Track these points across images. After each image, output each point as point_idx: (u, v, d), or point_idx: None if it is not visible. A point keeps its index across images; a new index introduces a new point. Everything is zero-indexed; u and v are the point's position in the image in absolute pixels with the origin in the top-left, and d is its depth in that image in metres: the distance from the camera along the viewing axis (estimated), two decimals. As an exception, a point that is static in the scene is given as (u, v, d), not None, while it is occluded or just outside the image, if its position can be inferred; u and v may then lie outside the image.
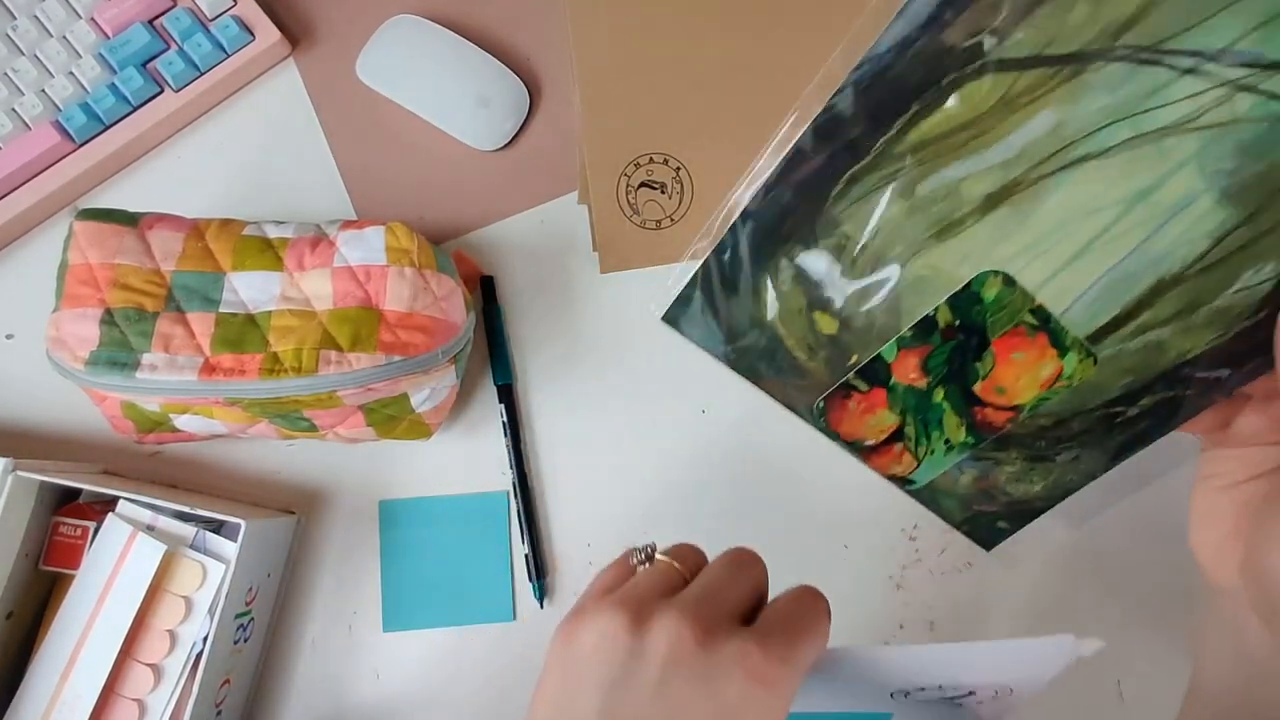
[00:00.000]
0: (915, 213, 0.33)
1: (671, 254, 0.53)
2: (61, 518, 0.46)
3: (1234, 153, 0.29)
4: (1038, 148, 0.30)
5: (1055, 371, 0.34)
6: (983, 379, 0.35)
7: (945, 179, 0.32)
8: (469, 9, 0.55)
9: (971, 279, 0.33)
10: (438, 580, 0.50)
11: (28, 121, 0.51)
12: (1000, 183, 0.31)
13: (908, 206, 0.33)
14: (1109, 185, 0.30)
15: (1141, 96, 0.29)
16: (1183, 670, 0.50)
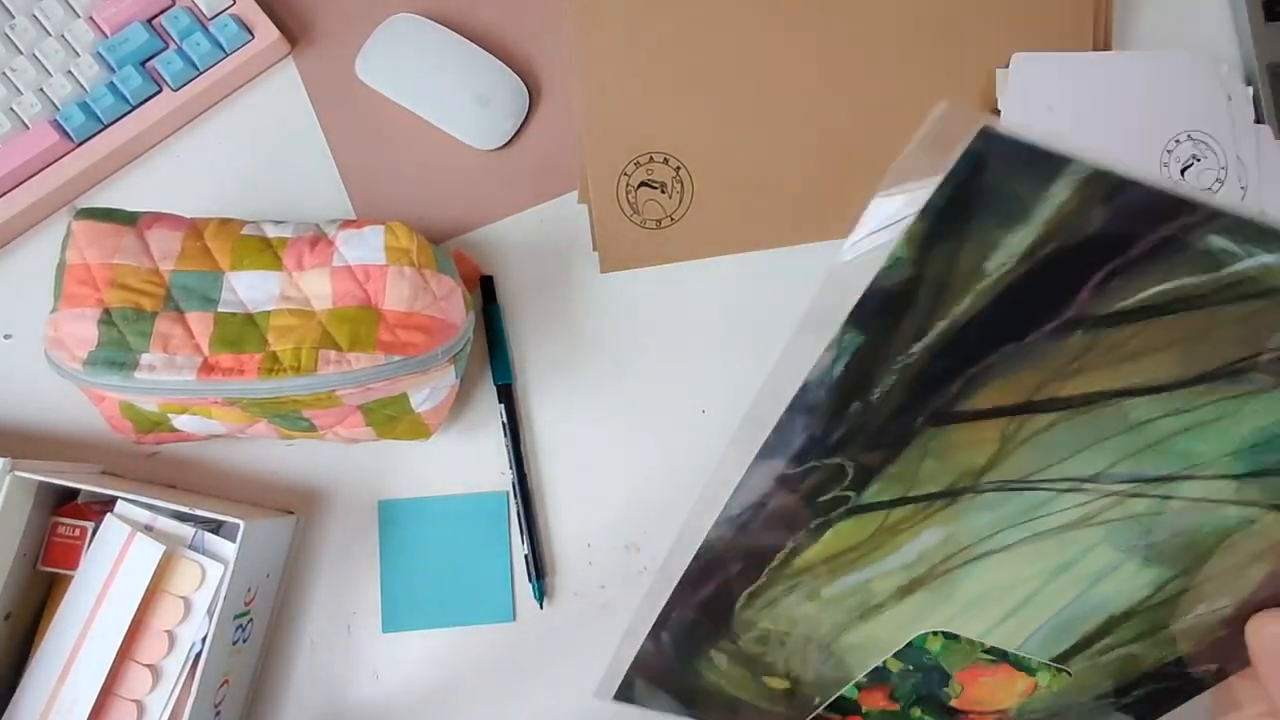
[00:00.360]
0: (830, 607, 0.32)
1: (671, 253, 0.53)
2: (60, 518, 0.45)
3: (1143, 534, 0.28)
4: (935, 553, 0.30)
5: (1030, 686, 0.34)
6: (956, 698, 0.35)
7: (847, 583, 0.32)
8: (469, 8, 0.55)
9: (911, 639, 0.33)
10: (437, 581, 0.50)
11: (26, 121, 0.51)
12: (908, 579, 0.31)
13: (818, 604, 0.32)
14: (1023, 566, 0.30)
15: (1025, 511, 0.28)
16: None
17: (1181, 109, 0.51)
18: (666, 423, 0.52)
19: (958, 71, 0.52)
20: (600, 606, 0.50)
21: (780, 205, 0.53)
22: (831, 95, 0.51)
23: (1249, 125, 0.51)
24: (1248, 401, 0.25)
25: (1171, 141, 0.51)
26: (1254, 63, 0.54)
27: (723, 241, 0.53)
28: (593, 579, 0.50)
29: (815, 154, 0.52)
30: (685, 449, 0.52)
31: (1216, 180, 0.51)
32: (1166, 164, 0.51)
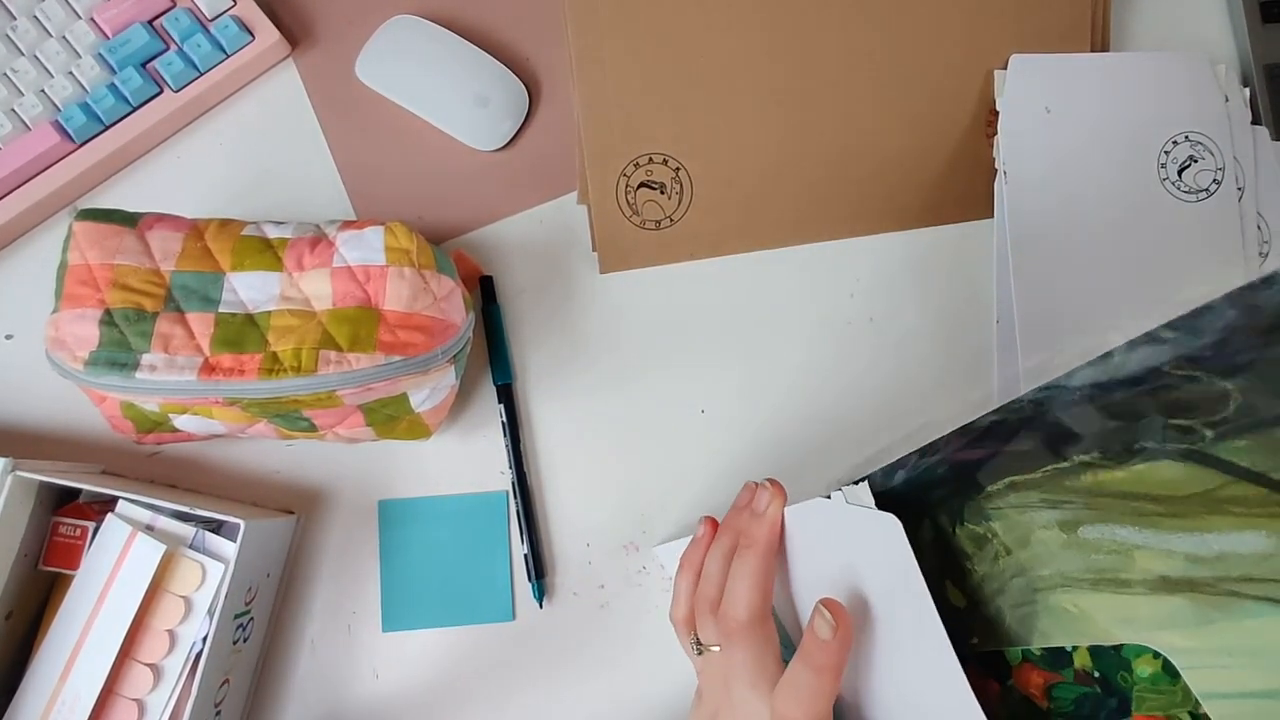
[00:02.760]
0: (1073, 549, 0.28)
1: (671, 254, 0.53)
2: (61, 518, 0.46)
3: None
4: (1242, 564, 0.23)
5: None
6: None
7: (1116, 536, 0.26)
8: (468, 9, 0.55)
9: (1125, 644, 0.27)
10: (437, 580, 0.50)
11: (27, 122, 0.51)
12: (1184, 574, 0.25)
13: (1066, 540, 0.28)
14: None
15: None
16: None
17: (1179, 110, 0.51)
18: (666, 422, 0.52)
19: (957, 73, 0.52)
20: (600, 606, 0.50)
21: (779, 205, 0.53)
22: (830, 96, 0.52)
23: (1246, 126, 0.52)
24: None
25: (1169, 143, 0.51)
26: (1251, 64, 0.54)
27: (722, 242, 0.53)
28: (592, 578, 0.51)
29: (814, 154, 0.52)
30: (684, 449, 0.52)
31: (1214, 181, 0.51)
32: (1164, 165, 0.51)
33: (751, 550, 0.39)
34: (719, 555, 0.41)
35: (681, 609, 0.42)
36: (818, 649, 0.34)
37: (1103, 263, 0.50)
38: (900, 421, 0.52)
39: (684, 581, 0.43)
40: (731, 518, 0.42)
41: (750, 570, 0.38)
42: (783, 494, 0.40)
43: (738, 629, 0.37)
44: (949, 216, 0.54)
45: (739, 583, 0.38)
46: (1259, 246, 0.51)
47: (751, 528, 0.39)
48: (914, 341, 0.53)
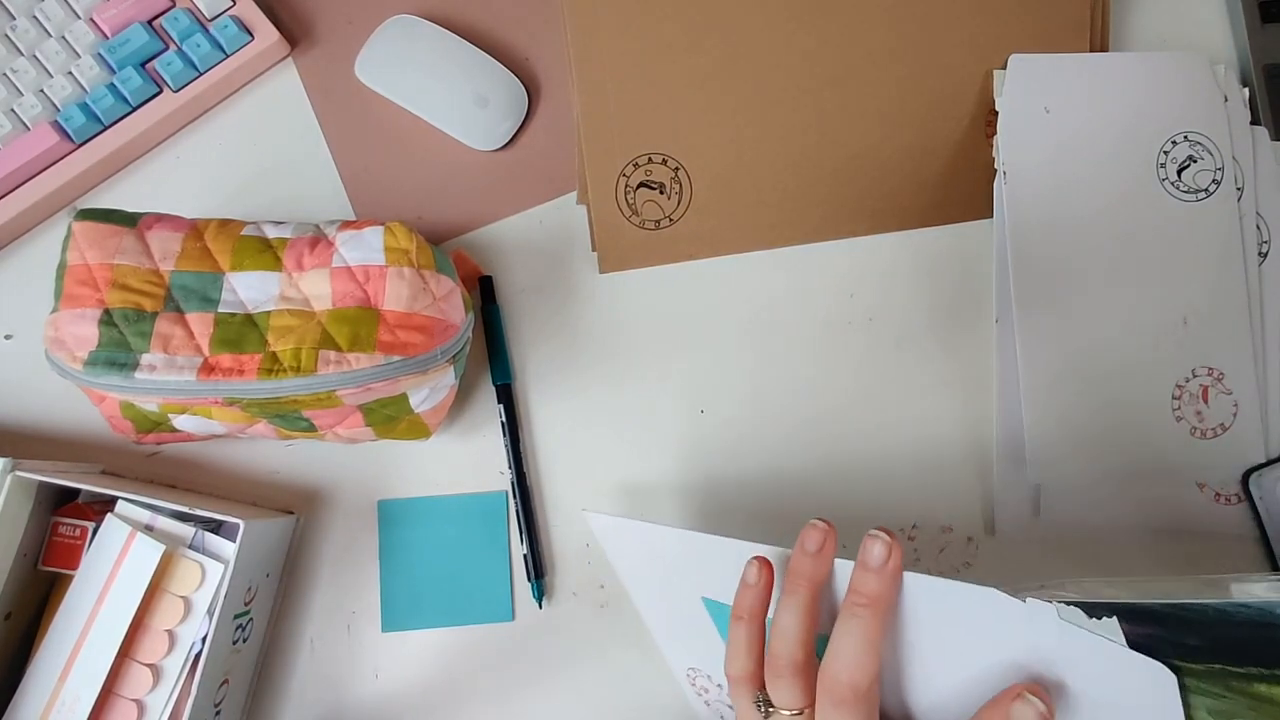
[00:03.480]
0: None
1: (670, 254, 0.53)
2: (60, 518, 0.46)
3: None
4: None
5: None
6: None
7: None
8: (468, 9, 0.55)
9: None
10: (436, 580, 0.50)
11: (27, 122, 0.51)
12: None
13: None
14: None
15: None
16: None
17: (1178, 110, 0.51)
18: (665, 423, 0.52)
19: (956, 73, 0.52)
20: (599, 606, 0.50)
21: (779, 206, 0.53)
22: (830, 96, 0.52)
23: (1246, 126, 0.52)
24: None
25: (1168, 143, 0.51)
26: (1250, 64, 0.54)
27: (721, 242, 0.53)
28: (592, 578, 0.51)
29: (814, 155, 0.52)
30: (684, 449, 0.52)
31: (1213, 181, 0.51)
32: (1163, 165, 0.51)
33: (869, 610, 0.34)
34: (797, 610, 0.36)
35: (744, 664, 0.37)
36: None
37: (1102, 262, 0.50)
38: (901, 421, 0.52)
39: (743, 632, 0.37)
40: (804, 566, 0.37)
41: (869, 630, 0.34)
42: (901, 548, 0.35)
43: (852, 697, 0.33)
44: (949, 216, 0.54)
45: (854, 644, 0.34)
46: (1258, 246, 0.51)
47: (868, 583, 0.34)
48: (914, 341, 0.53)
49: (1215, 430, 0.50)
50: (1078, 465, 0.49)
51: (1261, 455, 0.50)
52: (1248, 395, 0.50)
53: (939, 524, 0.51)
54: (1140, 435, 0.50)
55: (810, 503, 0.51)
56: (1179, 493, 0.50)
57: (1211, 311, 0.50)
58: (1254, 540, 0.50)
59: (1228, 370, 0.50)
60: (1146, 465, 0.50)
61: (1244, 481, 0.50)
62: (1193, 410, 0.50)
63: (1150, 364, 0.50)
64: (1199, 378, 0.50)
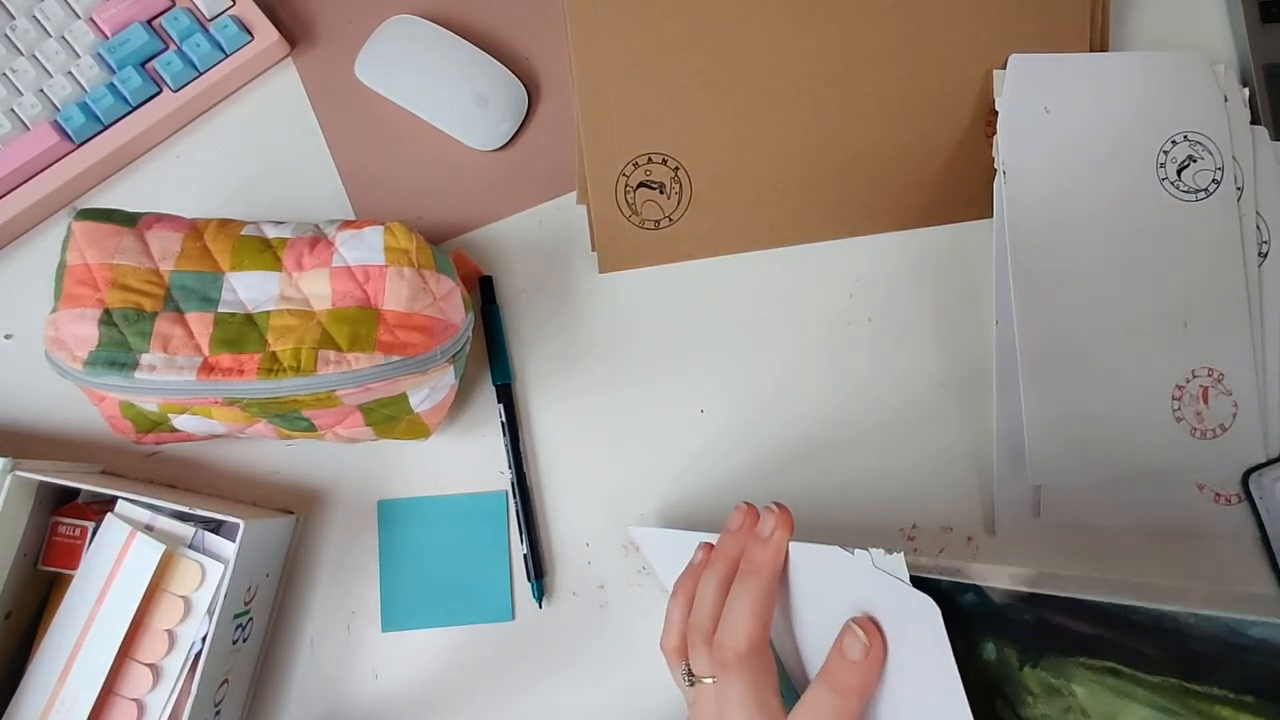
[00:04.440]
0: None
1: (670, 254, 0.53)
2: (60, 517, 0.46)
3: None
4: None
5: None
6: None
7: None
8: (468, 9, 0.55)
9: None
10: (436, 580, 0.50)
11: (26, 122, 0.51)
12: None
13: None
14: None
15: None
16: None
17: (1178, 110, 0.51)
18: (665, 422, 0.52)
19: (956, 72, 0.52)
20: (599, 606, 0.50)
21: (778, 205, 0.53)
22: (830, 96, 0.52)
23: (1245, 126, 0.52)
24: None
25: (1168, 142, 0.51)
26: (1250, 64, 0.54)
27: (721, 242, 0.53)
28: (591, 578, 0.51)
29: (814, 154, 0.52)
30: (684, 448, 0.52)
31: (1213, 181, 0.51)
32: (1163, 164, 0.51)
33: (753, 575, 0.36)
34: (713, 582, 0.38)
35: (673, 638, 0.40)
36: (845, 670, 0.32)
37: (1102, 262, 0.50)
38: (900, 421, 0.52)
39: (677, 609, 0.40)
40: (725, 542, 0.40)
41: (751, 596, 0.36)
42: (790, 521, 0.37)
43: (735, 659, 0.35)
44: (949, 216, 0.54)
45: (738, 609, 0.36)
46: (1258, 246, 0.51)
47: (755, 552, 0.37)
48: (913, 341, 0.53)
49: (1215, 430, 0.50)
50: (1078, 465, 0.49)
51: (1261, 455, 0.50)
52: (1248, 396, 0.50)
53: (939, 524, 0.51)
54: (1140, 435, 0.50)
55: (810, 502, 0.51)
56: (1179, 493, 0.50)
57: (1211, 312, 0.50)
58: (1254, 540, 0.50)
59: (1228, 371, 0.50)
60: (1146, 465, 0.50)
61: (1244, 481, 0.50)
62: (1193, 411, 0.50)
63: (1150, 364, 0.50)
64: (1199, 378, 0.50)
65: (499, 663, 0.50)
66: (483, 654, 0.50)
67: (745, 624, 0.36)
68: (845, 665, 0.33)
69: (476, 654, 0.50)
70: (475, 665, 0.50)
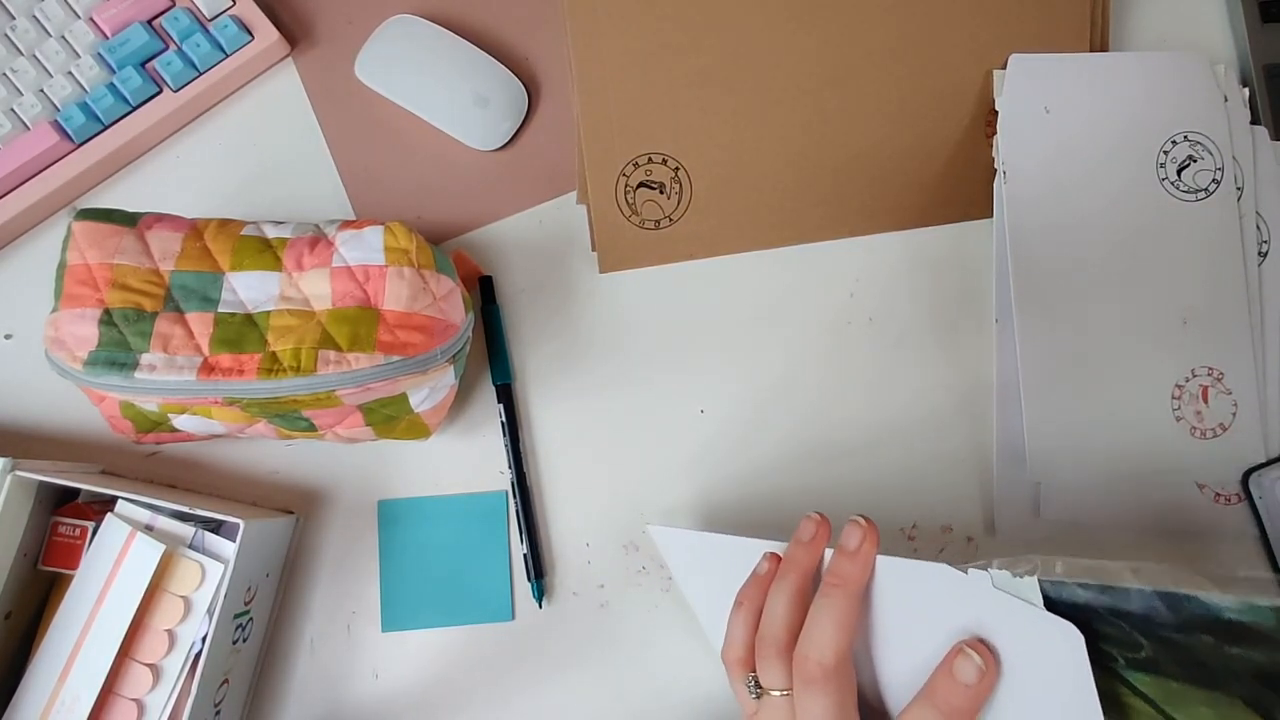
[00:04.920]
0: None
1: (670, 253, 0.53)
2: (60, 517, 0.46)
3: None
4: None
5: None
6: None
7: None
8: (468, 9, 0.55)
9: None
10: (436, 580, 0.50)
11: (26, 122, 0.51)
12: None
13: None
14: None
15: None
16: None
17: (1178, 110, 0.51)
18: (665, 422, 0.52)
19: (957, 72, 0.52)
20: (599, 606, 0.50)
21: (779, 205, 0.53)
22: (830, 96, 0.52)
23: (1245, 126, 0.52)
24: None
25: (1168, 142, 0.51)
26: (1250, 64, 0.54)
27: (721, 242, 0.53)
28: (592, 578, 0.51)
29: (814, 154, 0.52)
30: (684, 448, 0.52)
31: (1213, 181, 0.51)
32: (1163, 164, 0.51)
33: (841, 590, 0.35)
34: (786, 593, 0.38)
35: (737, 649, 0.39)
36: (953, 691, 0.32)
37: (1102, 262, 0.50)
38: (901, 421, 0.52)
39: (741, 621, 0.39)
40: (796, 554, 0.39)
41: (837, 610, 0.35)
42: (877, 535, 0.37)
43: (821, 674, 0.34)
44: (949, 216, 0.54)
45: (824, 622, 0.35)
46: (1258, 246, 0.51)
47: (841, 565, 0.36)
48: (914, 341, 0.53)
49: (1215, 430, 0.50)
50: (1078, 465, 0.49)
51: (1261, 455, 0.50)
52: (1247, 395, 0.50)
53: (939, 524, 0.51)
54: (1140, 435, 0.50)
55: (810, 502, 0.51)
56: (1179, 493, 0.50)
57: (1211, 311, 0.50)
58: (1254, 540, 0.50)
59: (1228, 370, 0.50)
60: (1146, 465, 0.50)
61: (1244, 481, 0.50)
62: (1193, 410, 0.50)
63: (1150, 364, 0.50)
64: (1199, 378, 0.50)
65: (499, 663, 0.50)
66: (483, 654, 0.50)
67: (832, 638, 0.35)
68: (954, 687, 0.32)
69: (476, 654, 0.50)
70: (475, 665, 0.50)
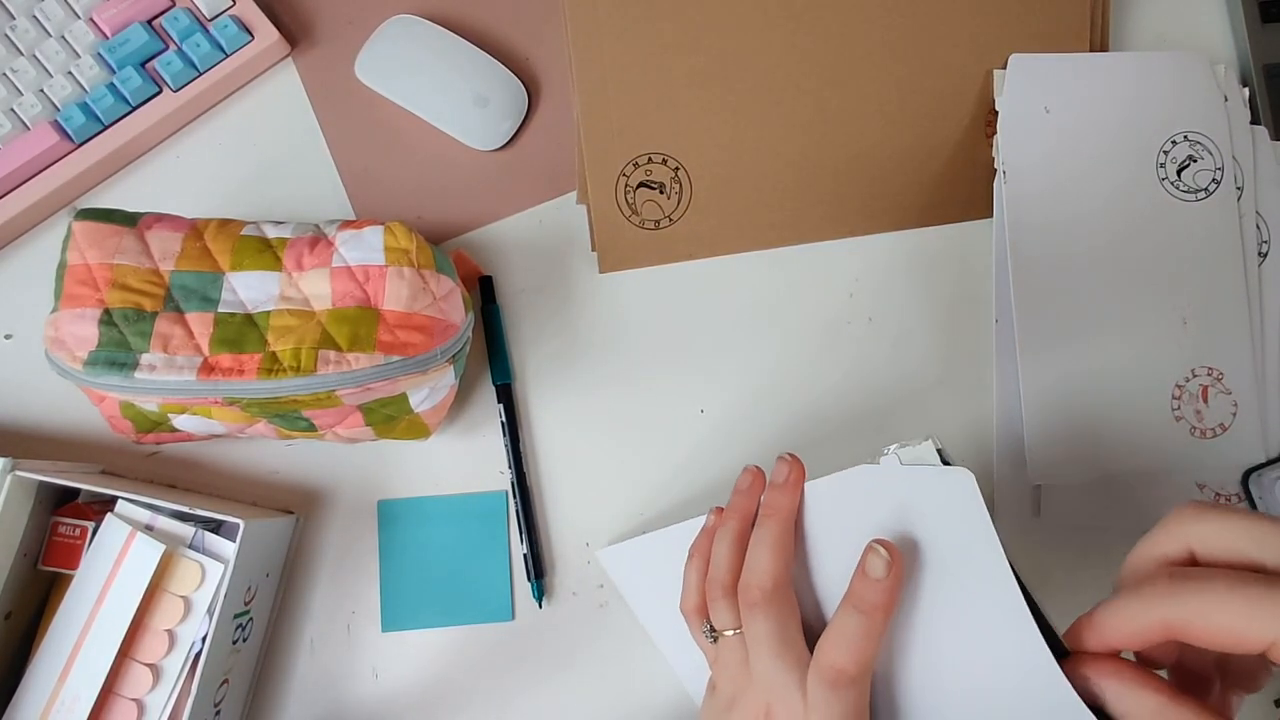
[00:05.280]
0: None
1: (670, 254, 0.53)
2: (60, 517, 0.46)
3: None
4: None
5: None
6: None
7: None
8: (468, 9, 0.55)
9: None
10: (436, 580, 0.50)
11: (26, 121, 0.51)
12: None
13: None
14: None
15: None
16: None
17: (1178, 110, 0.51)
18: (665, 422, 0.52)
19: (957, 73, 0.52)
20: (599, 606, 0.50)
21: (778, 205, 0.53)
22: (830, 96, 0.52)
23: (1245, 126, 0.52)
24: None
25: (1168, 142, 0.51)
26: (1250, 64, 0.54)
27: (721, 242, 0.53)
28: (591, 578, 0.51)
29: (814, 154, 0.52)
30: (684, 448, 0.52)
31: (1213, 181, 0.51)
32: (1163, 164, 0.51)
33: (773, 518, 0.38)
34: (728, 538, 0.40)
35: (692, 597, 0.41)
36: (869, 588, 0.33)
37: (1102, 262, 0.50)
38: (901, 421, 0.52)
39: (694, 570, 0.42)
40: (736, 501, 0.41)
41: (771, 536, 0.37)
42: (803, 466, 0.39)
43: (761, 598, 0.36)
44: (949, 216, 0.54)
45: (760, 552, 0.37)
46: (1258, 246, 0.51)
47: (772, 497, 0.38)
48: (913, 341, 0.53)
49: (1215, 430, 0.50)
50: (1078, 465, 0.49)
51: (1261, 455, 0.50)
52: (1247, 395, 0.50)
53: (939, 524, 0.51)
54: (1140, 435, 0.50)
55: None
56: (1179, 493, 0.50)
57: (1211, 311, 0.50)
58: (1254, 540, 0.50)
59: (1227, 370, 0.50)
60: (1146, 465, 0.50)
61: (1244, 481, 0.50)
62: (1193, 410, 0.50)
63: (1150, 364, 0.50)
64: (1199, 378, 0.50)
65: (499, 663, 0.50)
66: (483, 654, 0.50)
67: (768, 563, 0.37)
68: (869, 584, 0.33)
69: (476, 654, 0.50)
70: (475, 665, 0.50)
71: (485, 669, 0.50)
